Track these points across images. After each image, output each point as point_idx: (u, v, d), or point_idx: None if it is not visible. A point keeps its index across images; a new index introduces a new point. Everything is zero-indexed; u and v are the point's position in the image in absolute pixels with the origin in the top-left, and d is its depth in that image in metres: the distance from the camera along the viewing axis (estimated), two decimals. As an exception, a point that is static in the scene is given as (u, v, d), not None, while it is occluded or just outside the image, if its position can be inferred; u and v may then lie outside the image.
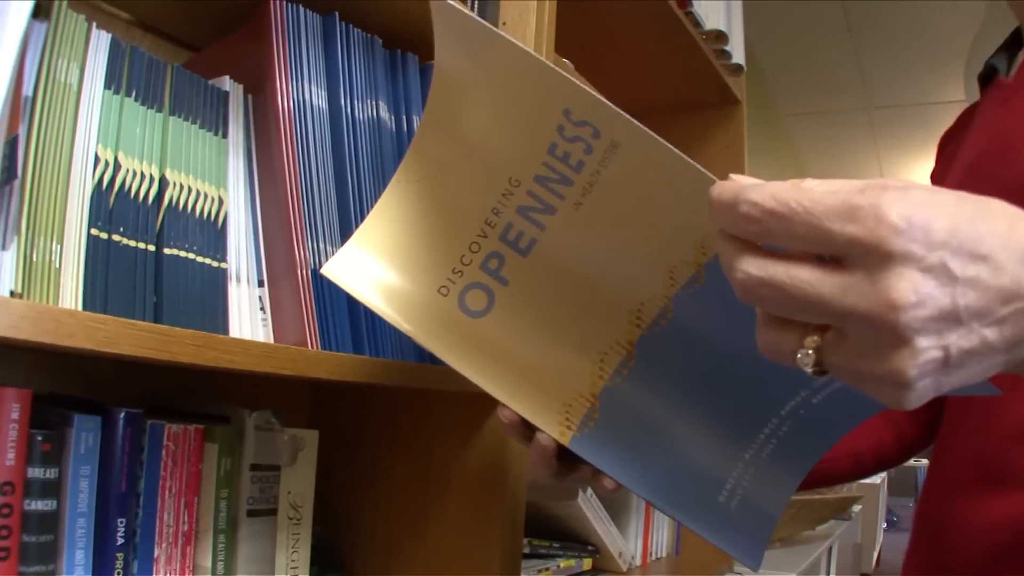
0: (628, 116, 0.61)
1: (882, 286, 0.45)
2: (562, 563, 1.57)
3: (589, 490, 1.63)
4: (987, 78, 1.09)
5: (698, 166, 0.59)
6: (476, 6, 1.29)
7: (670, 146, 0.59)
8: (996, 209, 0.49)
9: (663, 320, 0.70)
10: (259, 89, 0.99)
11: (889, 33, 4.54)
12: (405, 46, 1.14)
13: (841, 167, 6.83)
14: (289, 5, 0.98)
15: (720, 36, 2.21)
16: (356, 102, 1.03)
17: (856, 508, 4.95)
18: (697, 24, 2.10)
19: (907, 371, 0.46)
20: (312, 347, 0.92)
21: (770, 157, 5.55)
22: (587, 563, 1.67)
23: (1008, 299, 0.46)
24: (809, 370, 0.50)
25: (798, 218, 0.47)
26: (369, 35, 1.07)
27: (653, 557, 1.97)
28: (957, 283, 0.45)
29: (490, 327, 0.76)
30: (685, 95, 2.41)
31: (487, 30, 0.65)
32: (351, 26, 1.05)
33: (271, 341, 0.94)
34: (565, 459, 0.80)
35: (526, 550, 1.48)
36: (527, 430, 0.79)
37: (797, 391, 0.70)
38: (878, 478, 6.70)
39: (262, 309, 0.95)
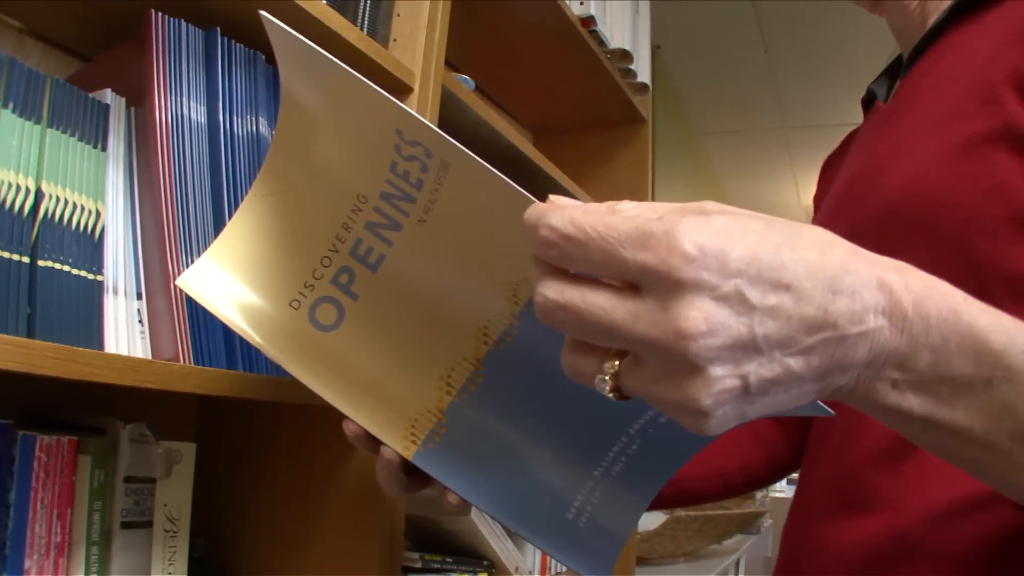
0: (452, 139, 0.62)
1: (672, 314, 0.44)
2: (455, 578, 1.58)
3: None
4: (869, 102, 1.11)
5: (519, 189, 0.59)
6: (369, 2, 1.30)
7: (492, 168, 0.61)
8: (809, 237, 0.49)
9: (508, 337, 0.71)
10: (141, 102, 0.99)
11: (805, 55, 4.62)
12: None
13: (758, 186, 6.93)
14: (170, 19, 0.98)
15: (625, 55, 2.24)
16: (235, 117, 1.03)
17: (768, 523, 5.00)
18: (601, 43, 2.13)
19: (701, 400, 0.45)
20: (185, 360, 0.92)
21: (686, 175, 5.61)
22: (482, 577, 1.68)
23: (814, 329, 0.46)
24: (608, 395, 0.50)
25: (593, 244, 0.47)
26: (252, 50, 1.07)
27: (553, 571, 1.98)
28: (755, 312, 0.45)
29: (340, 341, 0.77)
30: (591, 113, 2.44)
31: (318, 54, 0.66)
32: (233, 41, 1.05)
33: (148, 353, 0.94)
34: (416, 473, 0.80)
35: (418, 565, 1.48)
36: (374, 443, 0.79)
37: (645, 410, 0.71)
38: (790, 492, 6.76)
39: (140, 322, 0.95)
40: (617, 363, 0.50)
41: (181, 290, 0.90)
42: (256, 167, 1.05)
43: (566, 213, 0.48)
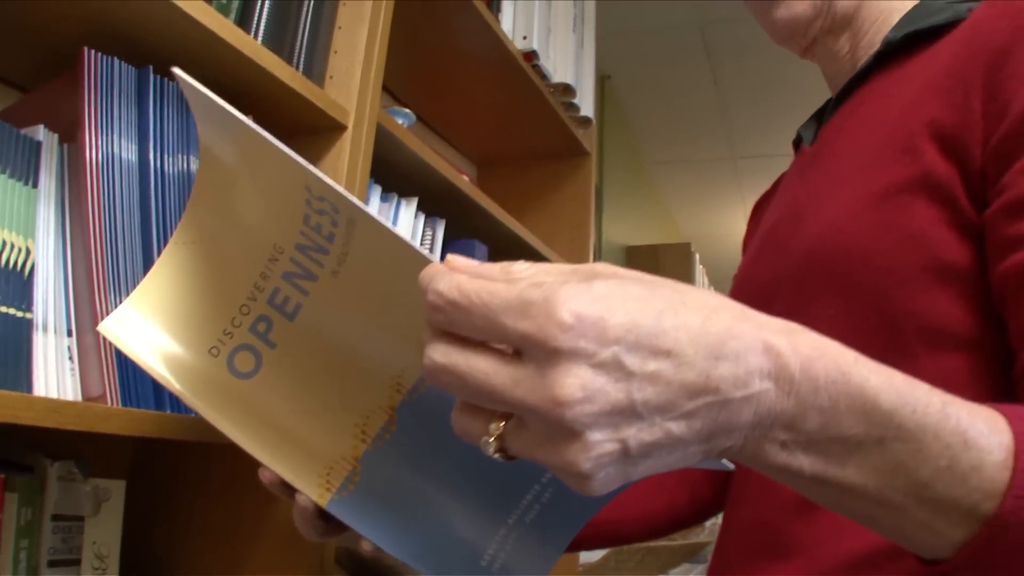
0: (355, 200, 0.63)
1: (549, 381, 0.45)
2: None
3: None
4: (798, 144, 1.12)
5: (418, 249, 0.60)
6: (311, 7, 1.31)
7: (392, 229, 0.61)
8: (694, 301, 0.49)
9: (423, 387, 0.72)
10: (73, 138, 0.99)
11: (754, 85, 4.66)
12: (222, 99, 1.14)
13: (708, 215, 6.97)
14: (103, 57, 0.99)
15: (568, 89, 2.26)
16: (167, 156, 1.04)
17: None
18: (544, 77, 2.15)
19: (580, 463, 0.46)
20: (112, 399, 0.92)
21: (635, 204, 5.64)
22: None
23: (695, 394, 0.47)
24: (494, 455, 0.51)
25: (477, 311, 0.48)
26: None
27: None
28: (634, 378, 0.45)
29: (257, 388, 0.77)
30: (534, 145, 2.46)
31: (228, 113, 0.67)
32: (166, 79, 1.05)
33: (78, 391, 0.94)
34: (333, 519, 0.80)
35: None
36: (291, 490, 0.79)
37: None
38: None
39: (70, 359, 0.95)
40: (502, 425, 0.50)
41: (108, 330, 0.90)
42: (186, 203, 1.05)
43: (453, 279, 0.49)
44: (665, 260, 5.35)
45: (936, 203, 0.79)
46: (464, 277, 0.49)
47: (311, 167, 0.63)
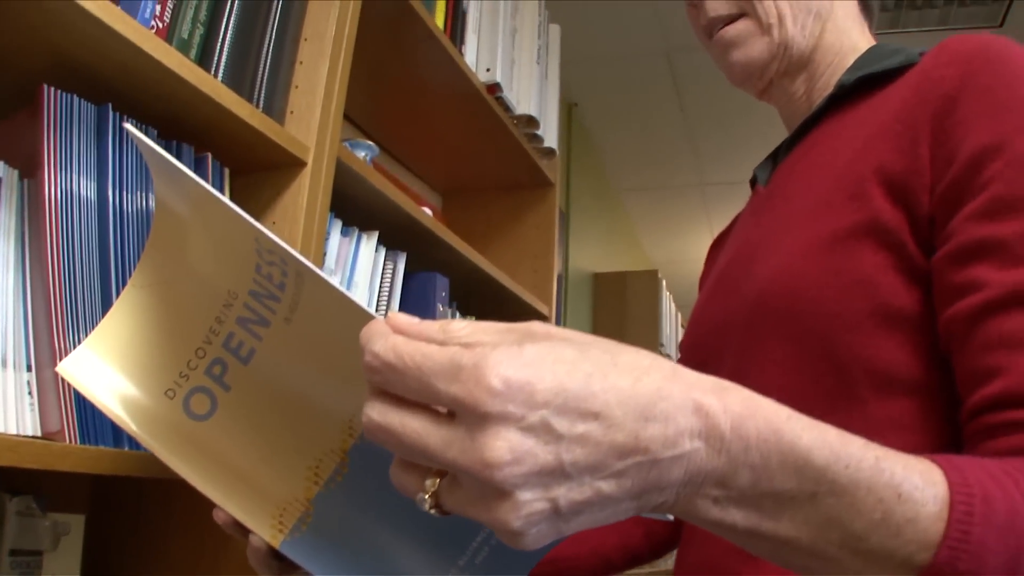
0: (299, 256, 0.64)
1: (479, 444, 0.46)
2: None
3: None
4: (755, 182, 1.13)
5: (360, 306, 0.62)
6: (272, 43, 1.33)
7: (335, 285, 0.63)
8: (625, 363, 0.50)
9: None
10: (33, 175, 0.99)
11: (720, 113, 4.70)
12: (182, 136, 1.16)
13: (675, 241, 7.01)
14: (63, 94, 0.99)
15: (531, 121, 2.28)
16: (126, 194, 1.04)
17: None
18: (508, 109, 2.17)
19: (511, 522, 0.47)
20: (70, 436, 0.92)
21: (603, 230, 5.66)
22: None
23: (625, 454, 0.48)
24: (429, 511, 0.52)
25: (411, 374, 0.49)
26: (144, 125, 1.09)
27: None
28: (562, 440, 0.47)
29: (212, 431, 0.78)
30: (499, 176, 2.49)
31: (176, 168, 0.68)
32: (126, 116, 1.06)
33: (38, 426, 0.94)
34: (287, 559, 0.80)
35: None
36: (245, 530, 0.80)
37: None
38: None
39: (30, 394, 0.95)
40: (438, 481, 0.52)
41: (67, 367, 0.91)
42: (145, 243, 1.05)
43: (389, 341, 0.51)
44: (632, 287, 5.37)
45: (884, 248, 0.80)
46: (401, 339, 0.51)
47: (257, 224, 0.64)
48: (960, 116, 0.79)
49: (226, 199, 0.66)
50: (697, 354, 1.00)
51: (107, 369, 0.79)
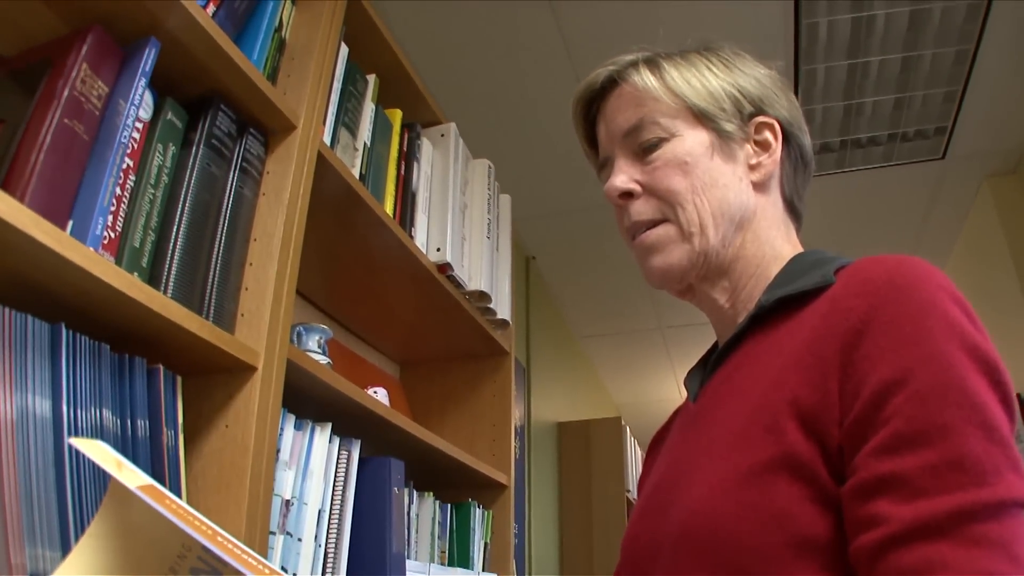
0: (235, 562, 0.66)
1: None
2: None
3: None
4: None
5: None
6: (222, 245, 1.35)
7: None
8: None
9: None
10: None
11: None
12: (134, 349, 1.18)
13: (640, 382, 7.05)
14: (16, 314, 1.02)
15: (483, 296, 2.33)
16: (80, 410, 1.06)
17: None
18: (459, 286, 2.21)
19: None
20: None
21: (565, 378, 5.70)
22: None
23: None
24: None
25: None
26: (96, 342, 1.11)
27: None
28: None
29: None
30: (455, 347, 2.53)
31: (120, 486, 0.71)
32: (78, 334, 1.08)
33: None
34: None
35: None
36: None
37: None
38: None
39: (-20, 616, 0.96)
40: None
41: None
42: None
43: None
44: (596, 435, 5.39)
45: (798, 480, 0.82)
46: None
47: (196, 535, 0.67)
48: (865, 350, 0.82)
49: (167, 512, 0.69)
50: (635, 571, 1.02)
51: None
